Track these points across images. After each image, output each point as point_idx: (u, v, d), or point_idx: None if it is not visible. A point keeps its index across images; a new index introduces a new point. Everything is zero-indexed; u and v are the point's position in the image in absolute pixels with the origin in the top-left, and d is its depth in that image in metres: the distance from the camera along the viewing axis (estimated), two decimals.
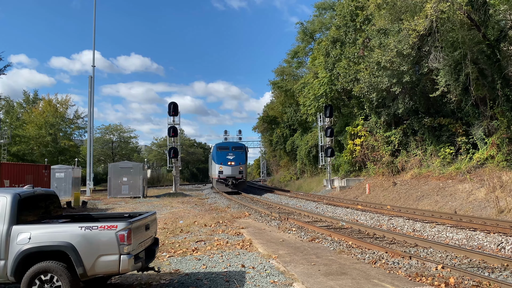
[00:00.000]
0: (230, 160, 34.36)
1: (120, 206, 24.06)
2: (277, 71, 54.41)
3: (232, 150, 35.16)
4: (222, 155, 34.90)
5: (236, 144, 38.03)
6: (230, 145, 36.55)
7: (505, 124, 19.70)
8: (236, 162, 34.46)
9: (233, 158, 34.41)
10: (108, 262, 5.93)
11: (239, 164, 34.64)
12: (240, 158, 35.11)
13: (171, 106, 36.92)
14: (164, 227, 14.38)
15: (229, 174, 34.18)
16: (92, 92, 35.17)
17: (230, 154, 34.53)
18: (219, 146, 36.60)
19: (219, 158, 34.83)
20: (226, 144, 37.70)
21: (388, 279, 7.52)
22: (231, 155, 34.50)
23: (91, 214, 8.21)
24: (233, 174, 34.30)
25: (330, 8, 44.47)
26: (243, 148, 36.92)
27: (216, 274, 8.07)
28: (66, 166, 35.25)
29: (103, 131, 68.15)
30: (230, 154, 34.53)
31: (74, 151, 53.91)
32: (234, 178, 34.21)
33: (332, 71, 32.10)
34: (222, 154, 34.94)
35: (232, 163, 34.22)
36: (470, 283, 7.26)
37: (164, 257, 9.71)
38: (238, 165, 34.54)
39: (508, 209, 15.05)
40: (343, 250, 10.29)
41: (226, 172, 34.16)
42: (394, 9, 20.84)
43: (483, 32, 19.84)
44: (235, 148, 36.10)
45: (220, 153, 35.15)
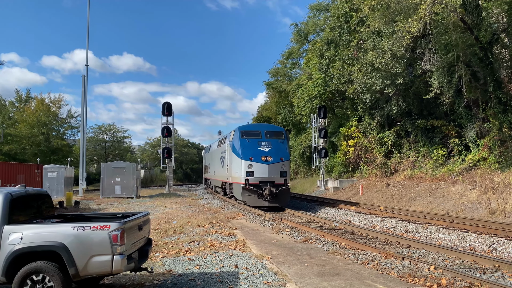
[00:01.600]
0: (265, 153, 20.95)
1: (113, 206, 23.94)
2: (271, 72, 54.49)
3: (267, 138, 21.77)
4: (251, 145, 21.28)
5: (272, 128, 24.02)
6: (262, 128, 22.73)
7: (497, 126, 19.87)
8: (275, 157, 20.96)
9: (270, 151, 21.04)
10: (100, 262, 5.90)
11: (281, 161, 21.00)
12: (281, 150, 21.53)
13: (165, 106, 36.78)
14: (157, 228, 14.33)
15: (265, 176, 20.59)
16: (85, 92, 34.98)
17: (264, 143, 21.32)
18: (244, 130, 22.36)
19: (245, 151, 21.09)
20: (256, 127, 23.89)
21: (381, 280, 7.55)
22: (266, 146, 21.25)
23: (83, 214, 8.16)
24: (271, 177, 20.75)
25: (324, 9, 44.61)
26: (283, 135, 22.74)
27: (210, 275, 8.05)
28: (59, 166, 34.97)
29: (96, 131, 67.74)
30: (264, 143, 21.32)
31: (66, 150, 53.49)
32: (272, 183, 20.58)
33: (326, 72, 32.19)
34: (251, 144, 21.31)
35: (269, 159, 20.76)
36: (462, 284, 7.31)
37: (157, 258, 9.67)
38: (279, 162, 20.96)
39: (499, 211, 15.18)
40: (336, 251, 10.31)
41: (260, 174, 20.61)
42: (388, 11, 20.95)
43: (476, 35, 20.01)
44: (272, 134, 22.25)
45: (246, 142, 21.41)
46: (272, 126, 25.66)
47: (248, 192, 20.31)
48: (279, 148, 21.41)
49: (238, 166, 21.22)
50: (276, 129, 23.32)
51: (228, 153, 23.91)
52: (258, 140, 21.45)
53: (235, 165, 21.79)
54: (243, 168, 20.62)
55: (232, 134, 22.96)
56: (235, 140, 22.08)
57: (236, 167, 21.72)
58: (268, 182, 20.47)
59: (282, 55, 54.14)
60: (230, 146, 23.02)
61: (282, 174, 20.80)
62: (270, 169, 20.64)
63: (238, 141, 21.57)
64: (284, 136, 22.52)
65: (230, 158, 23.23)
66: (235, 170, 21.92)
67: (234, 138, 22.33)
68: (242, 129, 22.25)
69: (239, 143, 21.42)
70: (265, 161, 20.71)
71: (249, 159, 20.63)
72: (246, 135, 21.77)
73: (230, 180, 23.90)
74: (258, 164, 20.62)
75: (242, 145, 21.27)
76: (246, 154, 20.85)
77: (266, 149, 21.09)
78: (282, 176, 20.79)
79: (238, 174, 21.31)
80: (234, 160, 21.97)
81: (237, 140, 21.76)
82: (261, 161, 20.66)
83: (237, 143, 21.71)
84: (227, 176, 24.52)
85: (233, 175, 22.56)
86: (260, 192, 20.22)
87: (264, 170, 20.60)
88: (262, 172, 20.54)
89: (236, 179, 21.87)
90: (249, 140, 21.38)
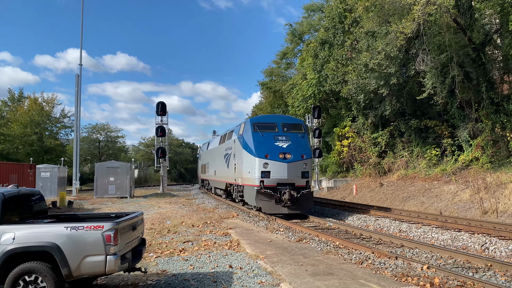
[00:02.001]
0: (283, 150, 17.70)
1: (107, 206, 23.84)
2: (266, 71, 54.49)
3: (285, 131, 18.59)
4: (266, 140, 18.03)
5: (290, 120, 20.69)
6: (277, 120, 19.34)
7: (489, 126, 20.03)
8: (295, 154, 17.70)
9: (288, 147, 17.81)
10: (94, 262, 5.87)
11: (302, 159, 17.74)
12: (302, 145, 18.31)
13: (159, 105, 36.66)
14: (151, 228, 14.29)
15: (284, 177, 17.40)
16: (79, 91, 34.82)
17: (281, 138, 18.12)
18: (257, 122, 19.04)
19: (259, 146, 17.86)
20: (271, 119, 20.46)
21: (375, 279, 7.59)
22: (283, 141, 18.04)
23: (77, 214, 8.12)
24: (291, 178, 17.50)
25: (318, 10, 44.68)
26: (303, 127, 19.47)
27: (204, 275, 8.05)
28: (52, 166, 34.75)
29: (89, 131, 67.38)
30: (281, 138, 18.12)
31: (60, 150, 53.16)
32: (292, 186, 17.34)
33: (321, 72, 32.27)
34: (266, 138, 18.09)
35: (288, 156, 17.60)
36: (454, 283, 7.36)
37: (151, 258, 9.65)
38: (301, 160, 17.70)
39: (492, 210, 15.30)
40: (330, 251, 10.34)
41: (277, 174, 17.36)
42: (382, 11, 21.05)
43: (469, 36, 20.16)
44: (290, 127, 19.04)
45: (260, 136, 18.15)
46: (289, 117, 21.74)
47: (264, 197, 17.00)
48: (299, 143, 18.16)
49: (251, 165, 17.79)
50: (295, 121, 20.09)
51: (236, 149, 20.40)
52: (274, 134, 18.09)
53: (247, 164, 18.32)
54: (257, 167, 17.28)
55: (242, 127, 19.47)
56: (247, 134, 18.64)
57: (247, 166, 18.22)
58: (287, 184, 17.24)
59: (277, 55, 54.22)
60: (240, 142, 19.54)
61: (303, 174, 17.53)
62: (289, 168, 17.34)
63: (251, 135, 18.18)
64: (304, 130, 19.15)
65: (239, 156, 19.69)
66: (246, 170, 18.39)
67: (245, 132, 18.89)
68: (255, 121, 18.94)
69: (252, 137, 18.04)
70: (284, 159, 17.38)
71: (264, 157, 17.29)
72: (259, 128, 18.35)
73: (239, 181, 20.15)
74: (276, 162, 17.33)
75: (256, 140, 17.90)
76: (261, 151, 17.53)
77: (284, 144, 17.74)
78: (303, 177, 17.52)
79: (250, 174, 17.86)
80: (245, 158, 18.55)
81: (249, 134, 18.34)
82: (278, 159, 17.37)
83: (249, 138, 18.28)
84: (235, 176, 20.69)
85: (243, 176, 18.94)
86: (278, 196, 16.96)
87: (282, 169, 17.32)
88: (281, 172, 17.30)
89: (248, 180, 18.33)
90: (264, 134, 18.03)
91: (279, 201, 16.98)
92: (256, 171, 17.30)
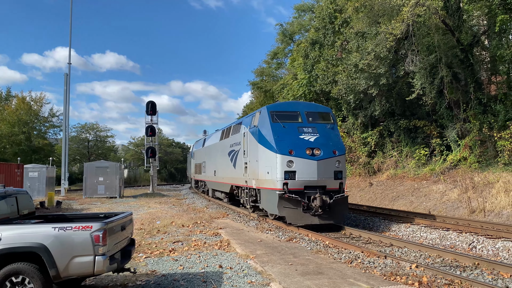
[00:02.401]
0: (310, 144, 14.43)
1: (96, 206, 23.65)
2: (256, 71, 54.51)
3: (310, 122, 15.39)
4: (289, 132, 14.77)
5: (315, 107, 16.80)
6: (300, 108, 15.96)
7: (477, 126, 20.28)
8: (325, 150, 14.47)
9: (317, 141, 14.60)
10: (82, 263, 5.82)
11: (334, 155, 14.57)
12: (332, 138, 15.15)
13: (149, 105, 36.50)
14: (141, 228, 14.21)
15: (313, 179, 14.09)
16: (67, 90, 34.50)
17: (307, 130, 14.88)
18: (276, 111, 15.59)
19: (281, 140, 14.58)
20: (292, 106, 16.51)
21: (364, 279, 7.64)
22: (310, 133, 14.79)
23: (65, 214, 8.04)
24: (321, 180, 14.22)
25: (309, 10, 44.80)
26: (332, 117, 16.15)
27: (193, 275, 8.03)
28: (40, 165, 34.38)
29: (78, 130, 66.78)
30: (307, 130, 14.88)
31: (48, 150, 52.61)
32: (323, 189, 14.11)
33: (311, 72, 32.36)
34: (288, 130, 14.82)
35: (317, 152, 14.32)
36: (442, 282, 7.44)
37: (140, 258, 9.60)
38: (333, 157, 14.52)
39: (479, 209, 15.49)
40: (320, 250, 10.39)
41: (305, 175, 14.06)
42: (372, 12, 21.18)
43: (457, 37, 20.39)
44: (316, 117, 15.83)
45: (281, 127, 14.90)
46: (314, 105, 17.51)
47: (288, 203, 13.60)
48: (329, 136, 14.85)
49: (270, 164, 14.38)
50: (322, 109, 16.45)
51: (247, 145, 16.99)
52: (297, 125, 14.83)
53: (265, 162, 14.85)
54: (280, 166, 13.86)
55: (257, 117, 16.08)
56: (263, 126, 15.26)
57: (265, 165, 14.76)
58: (317, 187, 13.83)
59: (267, 55, 54.21)
60: (254, 135, 16.08)
61: (336, 174, 14.20)
62: (320, 167, 13.93)
63: (269, 127, 14.80)
64: (333, 119, 15.82)
65: (252, 152, 16.22)
66: (263, 170, 14.96)
67: (261, 123, 15.49)
68: (273, 110, 15.44)
69: (271, 129, 14.67)
70: (312, 156, 13.99)
71: (288, 153, 13.93)
72: (279, 117, 14.94)
73: (252, 184, 16.46)
74: (302, 160, 13.87)
75: (276, 132, 14.54)
76: (283, 146, 14.09)
77: (311, 138, 14.40)
78: (336, 177, 14.19)
79: (270, 175, 14.36)
80: (263, 155, 15.07)
81: (267, 125, 14.99)
82: (306, 156, 13.94)
83: (267, 130, 14.87)
84: (246, 178, 17.17)
85: (259, 177, 15.43)
86: (306, 202, 13.63)
87: (311, 169, 13.88)
88: (309, 173, 13.84)
89: (266, 183, 14.77)
90: (285, 125, 14.69)
91: (307, 208, 13.66)
92: (278, 171, 13.90)
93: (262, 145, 15.23)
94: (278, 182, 13.89)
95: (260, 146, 15.39)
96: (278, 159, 14.01)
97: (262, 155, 15.22)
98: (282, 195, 13.64)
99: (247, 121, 17.83)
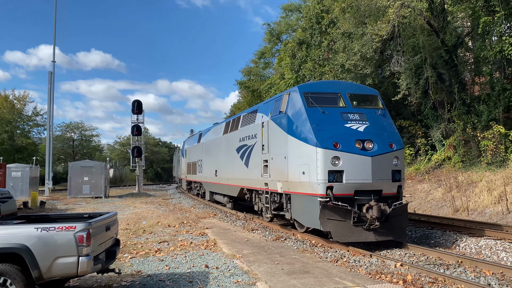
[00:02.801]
0: (360, 135, 10.73)
1: (81, 207, 23.36)
2: (244, 71, 54.50)
3: (356, 107, 11.88)
4: (330, 119, 11.06)
5: (358, 88, 13.36)
6: (342, 90, 12.16)
7: (461, 126, 20.58)
8: (379, 142, 10.74)
9: (367, 130, 10.90)
10: (65, 264, 5.74)
11: (391, 149, 10.86)
12: (385, 128, 11.44)
13: (135, 104, 36.19)
14: (126, 228, 14.08)
15: (366, 181, 10.37)
16: (52, 89, 33.99)
17: (353, 116, 11.25)
18: (311, 92, 11.82)
19: (322, 129, 10.77)
20: (330, 87, 12.51)
21: (349, 277, 7.69)
22: (357, 121, 11.13)
23: (48, 214, 7.92)
24: (377, 182, 10.49)
25: (296, 10, 44.92)
26: (380, 101, 12.58)
27: (179, 275, 7.98)
28: (24, 165, 33.82)
29: (63, 129, 65.83)
30: (353, 116, 11.25)
31: (32, 149, 51.85)
32: (378, 195, 10.51)
33: (298, 72, 32.46)
34: (330, 117, 11.12)
35: (370, 146, 10.58)
36: (426, 280, 7.53)
37: (125, 259, 9.51)
38: (390, 152, 10.79)
39: (463, 208, 15.73)
40: (306, 249, 10.42)
41: (355, 175, 10.38)
42: (358, 13, 21.34)
43: (442, 38, 20.67)
44: (362, 100, 12.56)
45: (319, 113, 11.19)
46: (357, 85, 14.24)
47: (334, 214, 10.18)
48: (382, 125, 11.38)
49: (307, 160, 10.80)
50: (368, 91, 12.84)
51: (270, 137, 13.22)
52: (340, 111, 11.33)
53: (298, 158, 11.29)
54: (322, 163, 10.37)
55: (285, 101, 12.23)
56: (295, 111, 11.69)
57: (299, 162, 11.18)
58: (370, 192, 10.42)
59: (255, 54, 54.23)
60: (280, 124, 12.45)
61: (394, 175, 10.81)
62: (375, 165, 10.46)
63: (303, 113, 11.27)
64: (383, 104, 12.37)
65: (278, 146, 12.59)
66: (297, 169, 11.30)
67: (292, 108, 11.86)
68: (307, 90, 11.83)
69: (307, 115, 11.13)
70: (364, 151, 10.51)
71: (332, 147, 10.41)
72: (315, 101, 11.43)
73: (277, 187, 12.65)
74: (352, 156, 10.41)
75: (314, 119, 10.97)
76: (326, 137, 10.58)
77: (360, 126, 10.88)
78: (394, 179, 10.81)
79: (307, 176, 10.82)
80: (295, 149, 11.47)
81: (300, 110, 11.45)
82: (356, 150, 10.46)
83: (301, 116, 11.35)
84: (267, 179, 13.48)
85: (290, 178, 11.76)
86: (357, 212, 10.23)
87: (364, 167, 10.41)
88: (361, 172, 10.39)
89: (301, 186, 11.19)
90: (324, 110, 11.18)
91: (358, 220, 10.26)
92: (320, 170, 10.34)
93: (293, 137, 11.58)
94: (320, 186, 10.34)
95: (290, 138, 11.72)
96: (319, 155, 10.40)
97: (293, 150, 11.55)
98: (325, 203, 10.09)
99: (266, 108, 14.32)
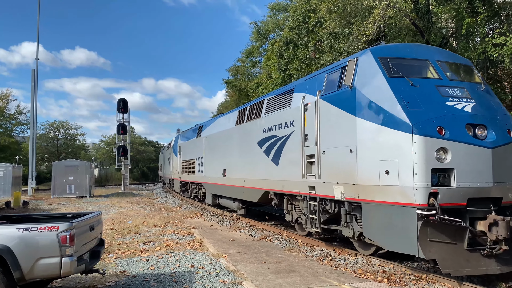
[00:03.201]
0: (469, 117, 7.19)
1: (65, 206, 23.04)
2: (231, 70, 54.42)
3: (453, 80, 8.08)
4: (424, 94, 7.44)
5: (454, 58, 9.02)
6: (431, 56, 8.43)
7: None
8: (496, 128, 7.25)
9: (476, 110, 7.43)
10: (48, 265, 5.65)
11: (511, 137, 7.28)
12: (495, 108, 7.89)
13: (121, 102, 35.85)
14: (111, 228, 13.94)
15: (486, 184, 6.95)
16: (35, 86, 33.47)
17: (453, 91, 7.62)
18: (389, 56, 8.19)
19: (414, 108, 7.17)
20: (416, 52, 8.59)
21: (335, 276, 7.73)
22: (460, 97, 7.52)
23: (31, 214, 7.80)
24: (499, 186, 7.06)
25: (283, 9, 45.04)
26: (476, 73, 8.85)
27: (165, 275, 7.93)
28: (6, 164, 33.20)
29: (47, 128, 64.81)
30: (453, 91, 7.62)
31: (15, 148, 50.87)
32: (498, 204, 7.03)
33: (285, 72, 32.50)
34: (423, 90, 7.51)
35: (484, 133, 7.14)
36: (411, 278, 7.62)
37: (110, 259, 9.40)
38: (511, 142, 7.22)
39: None
40: (292, 248, 10.45)
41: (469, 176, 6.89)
42: (345, 13, 21.47)
43: (427, 39, 20.90)
44: (459, 71, 8.60)
45: (407, 84, 7.58)
46: (447, 52, 9.91)
47: (441, 234, 6.68)
48: (489, 104, 8.15)
49: (394, 154, 7.39)
50: (462, 61, 9.20)
51: (320, 122, 9.65)
52: (434, 83, 7.98)
53: (376, 151, 7.84)
54: (422, 158, 7.00)
55: (352, 70, 8.61)
56: (367, 83, 8.31)
57: (379, 157, 7.72)
58: (488, 200, 7.16)
59: (242, 53, 54.18)
60: (340, 103, 8.92)
61: None
62: (496, 161, 7.20)
63: (384, 84, 7.88)
64: (482, 79, 9.05)
65: (336, 133, 9.01)
66: (373, 167, 7.84)
67: (362, 78, 8.43)
68: (384, 55, 8.45)
69: (389, 87, 7.75)
70: (477, 140, 7.22)
71: (436, 132, 7.06)
72: (398, 69, 8.07)
73: (334, 192, 9.05)
74: (466, 147, 7.09)
75: (400, 93, 7.62)
76: (424, 118, 7.21)
77: (467, 105, 7.64)
78: None
79: (392, 177, 7.41)
80: (372, 138, 7.95)
81: (377, 81, 8.08)
82: (470, 139, 7.17)
83: (380, 90, 7.93)
84: (313, 181, 9.90)
85: (360, 181, 8.21)
86: (473, 231, 7.01)
87: (480, 164, 7.15)
88: (477, 171, 7.13)
89: (382, 192, 7.65)
90: (413, 81, 7.81)
91: (473, 242, 6.98)
92: (418, 168, 7.02)
93: (367, 120, 8.08)
94: (419, 192, 6.99)
95: (362, 123, 8.20)
96: (417, 145, 7.05)
97: (368, 139, 8.07)
98: (427, 218, 6.75)
99: (309, 85, 10.57)
